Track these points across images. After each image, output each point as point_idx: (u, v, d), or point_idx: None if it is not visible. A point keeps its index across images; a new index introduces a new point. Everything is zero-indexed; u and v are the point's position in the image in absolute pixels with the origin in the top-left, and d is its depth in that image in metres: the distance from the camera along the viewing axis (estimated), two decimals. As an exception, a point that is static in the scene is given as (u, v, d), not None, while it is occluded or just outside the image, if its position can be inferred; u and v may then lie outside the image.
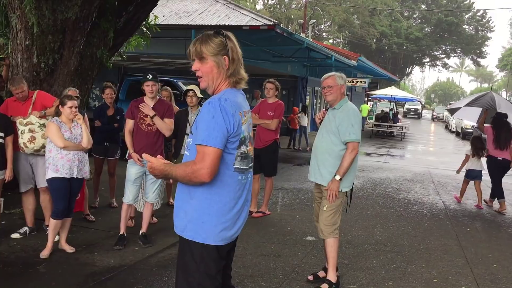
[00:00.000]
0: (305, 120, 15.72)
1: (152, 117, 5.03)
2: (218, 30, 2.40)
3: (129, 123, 5.15)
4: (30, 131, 5.01)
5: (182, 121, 5.98)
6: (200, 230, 2.33)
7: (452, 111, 10.19)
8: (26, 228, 5.27)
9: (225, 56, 2.35)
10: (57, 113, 4.77)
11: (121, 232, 5.14)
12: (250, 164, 2.46)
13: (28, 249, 4.87)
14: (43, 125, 5.05)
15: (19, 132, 5.02)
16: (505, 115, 7.69)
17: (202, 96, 6.05)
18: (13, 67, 6.55)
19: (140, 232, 5.23)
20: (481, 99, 8.36)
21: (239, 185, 2.40)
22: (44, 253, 4.64)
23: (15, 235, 5.15)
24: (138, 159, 5.00)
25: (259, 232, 5.84)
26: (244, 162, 2.40)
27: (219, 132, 2.23)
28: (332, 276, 4.22)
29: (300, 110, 16.21)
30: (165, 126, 5.10)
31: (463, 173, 8.48)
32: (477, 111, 8.86)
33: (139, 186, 5.19)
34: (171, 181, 2.43)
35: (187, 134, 5.85)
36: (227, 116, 2.26)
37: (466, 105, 8.66)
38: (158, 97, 5.25)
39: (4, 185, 5.03)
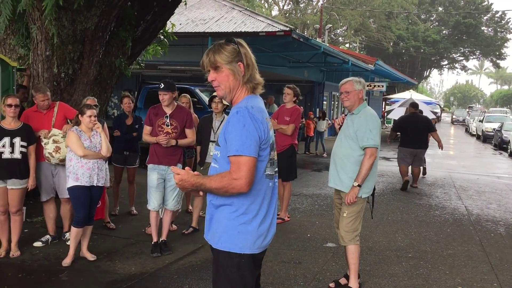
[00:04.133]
0: (322, 126, 15.60)
1: (176, 144, 5.09)
2: (229, 38, 2.38)
3: (147, 129, 5.19)
4: (54, 141, 5.07)
5: (206, 127, 5.94)
6: (236, 239, 2.29)
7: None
8: (48, 236, 5.34)
9: (239, 63, 2.33)
10: (77, 122, 4.84)
11: (155, 240, 5.17)
12: (275, 169, 2.44)
13: (50, 257, 4.92)
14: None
15: (43, 144, 5.08)
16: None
17: (228, 104, 6.02)
18: (33, 78, 6.64)
19: (160, 240, 5.25)
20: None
21: (270, 191, 2.38)
22: (66, 261, 4.69)
23: (37, 244, 5.22)
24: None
25: (279, 238, 5.79)
26: (272, 167, 2.38)
27: (252, 141, 2.20)
28: (354, 283, 4.18)
29: (315, 116, 16.11)
30: (188, 141, 5.24)
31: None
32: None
33: (162, 191, 5.18)
34: (201, 193, 2.36)
35: (211, 141, 5.81)
36: (257, 123, 2.24)
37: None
38: (176, 103, 5.27)
39: (26, 194, 5.10)
